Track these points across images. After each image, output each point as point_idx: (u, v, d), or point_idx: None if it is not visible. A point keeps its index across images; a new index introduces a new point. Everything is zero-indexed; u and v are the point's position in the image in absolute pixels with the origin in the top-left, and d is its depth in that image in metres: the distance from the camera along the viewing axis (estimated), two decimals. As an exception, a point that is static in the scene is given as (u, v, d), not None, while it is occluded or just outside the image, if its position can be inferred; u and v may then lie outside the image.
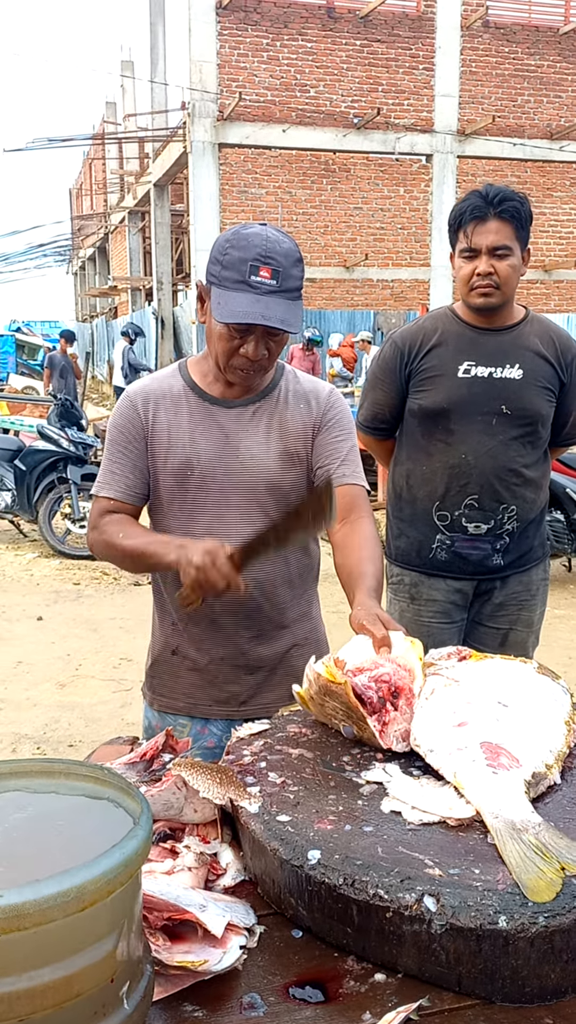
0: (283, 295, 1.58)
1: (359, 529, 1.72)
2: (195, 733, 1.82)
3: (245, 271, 1.55)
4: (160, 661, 1.86)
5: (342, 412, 1.82)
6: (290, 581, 1.81)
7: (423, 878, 0.97)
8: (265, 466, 1.73)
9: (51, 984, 0.74)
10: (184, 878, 1.09)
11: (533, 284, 17.98)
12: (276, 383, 1.78)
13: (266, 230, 1.60)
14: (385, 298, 17.27)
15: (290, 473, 1.76)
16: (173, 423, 1.74)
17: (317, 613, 1.92)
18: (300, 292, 1.63)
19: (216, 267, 1.60)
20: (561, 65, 16.96)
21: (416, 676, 1.37)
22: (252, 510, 1.73)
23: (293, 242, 1.63)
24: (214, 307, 1.60)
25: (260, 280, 1.55)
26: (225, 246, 1.60)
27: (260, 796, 1.16)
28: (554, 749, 1.22)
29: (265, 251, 1.56)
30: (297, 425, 1.76)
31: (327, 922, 1.01)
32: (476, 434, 2.35)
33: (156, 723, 1.88)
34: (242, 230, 1.61)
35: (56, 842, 0.85)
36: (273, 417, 1.75)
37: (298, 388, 1.80)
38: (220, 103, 15.24)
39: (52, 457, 7.55)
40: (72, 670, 4.84)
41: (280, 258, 1.57)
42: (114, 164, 26.08)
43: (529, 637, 2.55)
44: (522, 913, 0.92)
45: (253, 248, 1.56)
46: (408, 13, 15.98)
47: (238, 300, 1.56)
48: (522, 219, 2.25)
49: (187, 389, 1.76)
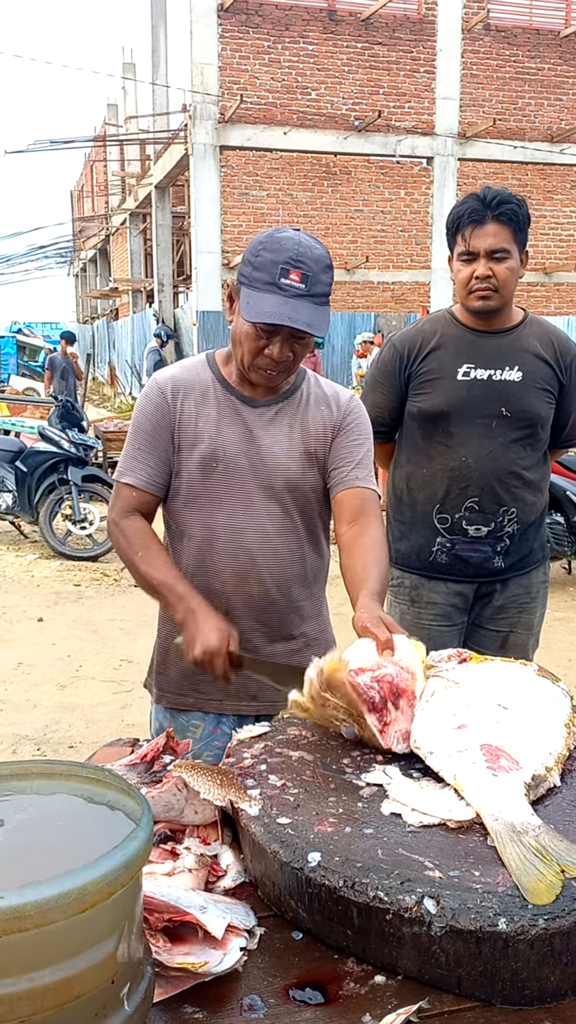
0: (311, 299, 1.61)
1: (367, 532, 1.73)
2: (208, 733, 1.83)
3: (276, 273, 1.59)
4: (168, 656, 1.86)
5: (360, 417, 1.84)
6: (304, 580, 1.83)
7: (423, 880, 0.97)
8: (286, 465, 1.76)
9: (52, 985, 0.74)
10: (184, 880, 1.10)
11: (533, 287, 17.98)
12: (298, 386, 1.81)
13: (299, 235, 1.64)
14: (386, 300, 17.27)
15: (309, 473, 1.78)
16: (201, 414, 1.76)
17: (326, 613, 1.93)
18: (328, 297, 1.65)
19: (247, 268, 1.64)
20: (562, 68, 16.98)
21: (418, 678, 1.37)
22: (272, 507, 1.76)
23: (324, 248, 1.67)
24: (243, 306, 1.63)
25: (289, 283, 1.58)
26: (258, 248, 1.63)
27: (260, 798, 1.16)
28: (554, 751, 1.22)
29: (296, 255, 1.60)
30: (317, 427, 1.79)
31: (327, 924, 1.02)
32: (476, 437, 2.35)
33: (167, 724, 1.87)
34: (276, 233, 1.64)
35: (57, 843, 0.85)
36: (295, 418, 1.78)
37: (319, 392, 1.83)
38: (221, 105, 15.25)
39: (53, 458, 7.55)
40: (72, 671, 4.84)
41: (311, 263, 1.60)
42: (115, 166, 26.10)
43: (529, 639, 2.55)
44: (522, 915, 0.93)
45: (285, 251, 1.60)
46: (409, 16, 16.00)
47: (267, 301, 1.59)
48: (520, 222, 2.26)
49: (215, 382, 1.78)
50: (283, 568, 1.78)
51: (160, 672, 1.89)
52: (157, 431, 1.76)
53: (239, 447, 1.74)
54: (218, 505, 1.75)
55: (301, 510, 1.79)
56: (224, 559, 1.76)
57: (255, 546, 1.75)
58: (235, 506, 1.75)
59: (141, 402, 1.81)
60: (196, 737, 1.84)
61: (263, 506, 1.75)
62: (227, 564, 1.75)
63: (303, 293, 1.59)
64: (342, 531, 1.76)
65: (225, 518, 1.75)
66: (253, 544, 1.75)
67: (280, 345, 1.64)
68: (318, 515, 1.83)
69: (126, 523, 1.75)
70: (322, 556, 1.88)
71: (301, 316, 1.58)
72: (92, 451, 7.98)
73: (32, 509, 7.52)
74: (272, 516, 1.76)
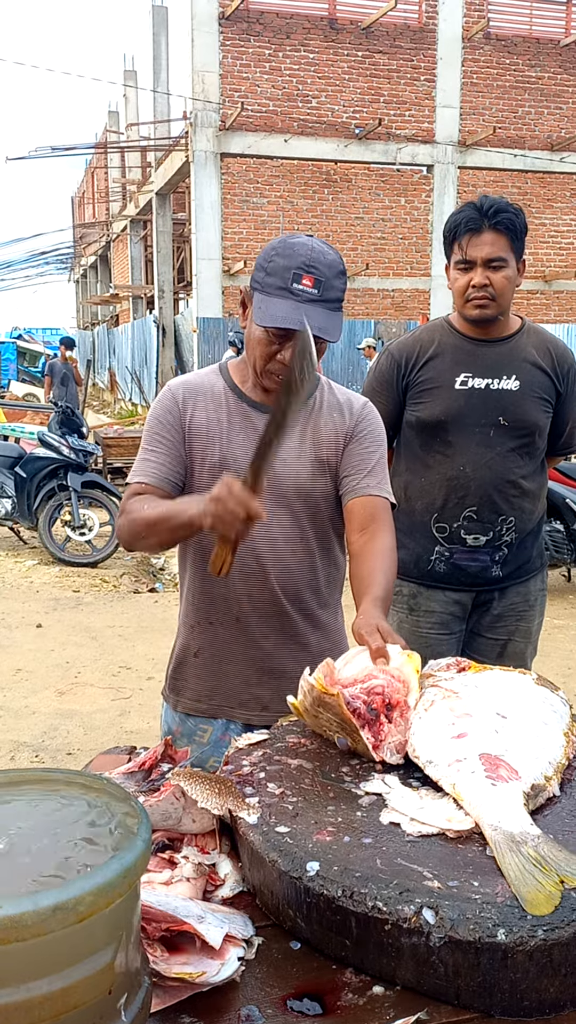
0: (323, 304, 1.60)
1: (376, 540, 1.72)
2: (215, 739, 1.82)
3: (288, 278, 1.59)
4: (184, 662, 1.87)
5: (374, 424, 1.84)
6: (316, 588, 1.82)
7: (422, 890, 0.97)
8: (297, 473, 1.75)
9: (48, 996, 0.74)
10: (182, 889, 1.09)
11: (533, 295, 18.02)
12: (311, 393, 1.80)
13: (312, 241, 1.64)
14: (386, 308, 17.30)
15: (320, 481, 1.77)
16: (212, 420, 1.75)
17: (341, 624, 1.92)
18: (340, 303, 1.65)
19: (260, 273, 1.64)
20: (562, 77, 17.05)
21: (412, 689, 1.36)
22: (283, 516, 1.75)
23: (338, 254, 1.66)
24: (255, 311, 1.64)
25: (302, 288, 1.59)
26: (271, 253, 1.63)
27: (259, 807, 1.16)
28: (553, 761, 1.22)
29: (309, 260, 1.60)
30: (330, 434, 1.78)
31: (325, 934, 1.01)
32: (474, 446, 2.35)
33: (177, 728, 1.88)
34: (289, 239, 1.64)
35: (54, 852, 0.85)
36: (307, 425, 1.77)
37: (332, 399, 1.83)
38: (222, 113, 15.30)
39: (52, 464, 7.55)
40: (71, 678, 4.83)
41: (323, 268, 1.60)
42: (116, 173, 26.18)
43: (527, 648, 2.55)
44: (521, 926, 0.92)
45: (298, 257, 1.60)
46: (410, 24, 16.06)
47: (279, 306, 1.59)
48: (517, 231, 2.26)
49: (227, 390, 1.78)
50: (293, 576, 1.77)
51: (176, 677, 1.89)
52: (168, 434, 1.75)
53: (250, 453, 1.73)
54: None
55: (312, 517, 1.78)
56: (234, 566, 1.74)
57: (265, 553, 1.74)
58: None
59: (154, 407, 1.81)
60: (204, 742, 1.84)
61: (273, 513, 1.73)
62: (236, 570, 1.73)
63: (316, 298, 1.59)
64: (353, 539, 1.75)
65: None
66: (263, 551, 1.74)
67: (292, 350, 1.63)
68: (330, 523, 1.82)
69: (129, 503, 1.71)
70: (336, 565, 1.87)
71: (313, 321, 1.56)
72: (92, 457, 7.98)
73: (31, 515, 7.52)
74: (282, 523, 1.75)
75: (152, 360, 19.21)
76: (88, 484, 7.60)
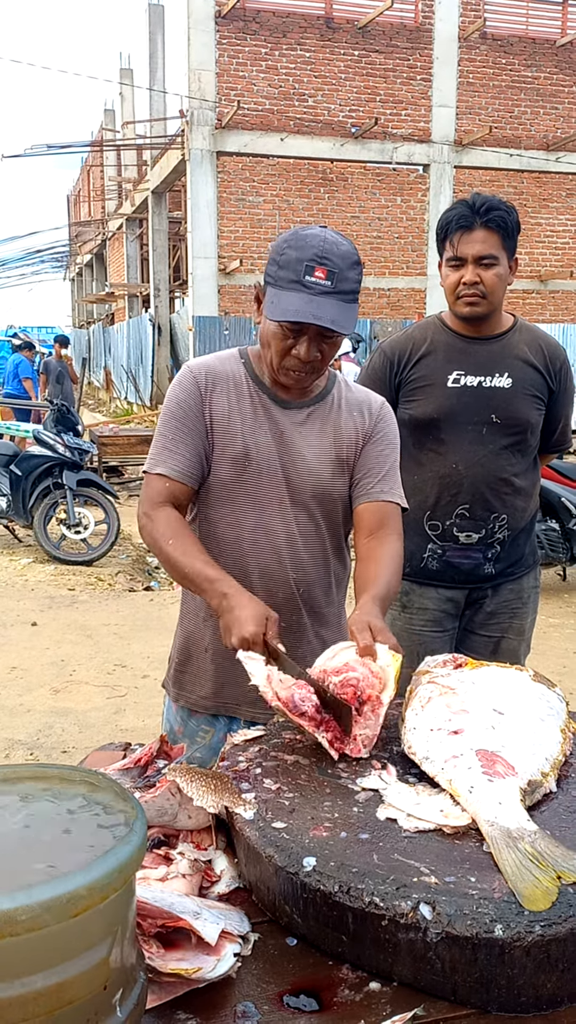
0: (337, 296, 1.57)
1: (384, 544, 1.72)
2: (217, 740, 1.80)
3: (300, 271, 1.55)
4: (192, 656, 1.84)
5: (390, 426, 1.82)
6: (327, 586, 1.81)
7: (419, 886, 0.97)
8: (318, 471, 1.73)
9: (43, 991, 0.73)
10: (178, 885, 1.09)
11: (529, 294, 18.04)
12: (329, 390, 1.78)
13: (325, 232, 1.60)
14: (382, 307, 17.32)
15: (339, 481, 1.76)
16: (234, 408, 1.72)
17: (345, 620, 1.91)
18: (356, 295, 1.62)
19: (273, 267, 1.60)
20: (558, 77, 17.07)
21: (387, 687, 1.37)
22: (300, 512, 1.73)
23: (351, 245, 1.63)
24: (267, 306, 1.60)
25: (315, 280, 1.55)
26: (283, 246, 1.60)
27: (255, 802, 1.16)
28: (550, 757, 1.22)
29: (322, 252, 1.56)
30: (350, 432, 1.76)
31: (322, 930, 1.01)
32: (467, 444, 2.35)
33: (179, 728, 1.86)
34: (301, 231, 1.61)
35: (49, 848, 0.84)
36: (327, 423, 1.75)
37: (351, 396, 1.80)
38: (218, 111, 15.29)
39: (48, 462, 7.54)
40: (66, 676, 4.82)
41: (337, 259, 1.57)
42: (112, 171, 26.12)
43: (520, 645, 2.55)
44: (518, 922, 0.92)
45: (310, 248, 1.56)
46: (406, 24, 16.06)
47: (291, 299, 1.55)
48: (509, 229, 2.25)
49: (248, 378, 1.74)
50: (308, 573, 1.76)
51: (180, 671, 1.86)
52: (190, 419, 1.70)
53: (271, 449, 1.70)
54: (249, 505, 1.72)
55: (327, 516, 1.77)
56: (252, 560, 1.73)
57: (284, 549, 1.73)
58: (265, 508, 1.72)
59: (174, 389, 1.75)
60: (206, 744, 1.82)
61: (291, 510, 1.72)
62: (255, 565, 1.73)
63: (329, 290, 1.55)
64: (361, 543, 1.74)
65: (255, 519, 1.72)
66: (282, 547, 1.73)
67: (307, 345, 1.60)
68: (342, 522, 1.81)
69: (157, 513, 1.68)
70: (344, 563, 1.86)
71: (326, 314, 1.54)
72: (87, 455, 7.97)
73: (27, 513, 7.50)
74: (300, 521, 1.73)
75: (148, 358, 19.19)
76: (83, 482, 7.59)
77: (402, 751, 1.29)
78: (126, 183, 24.41)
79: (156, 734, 1.61)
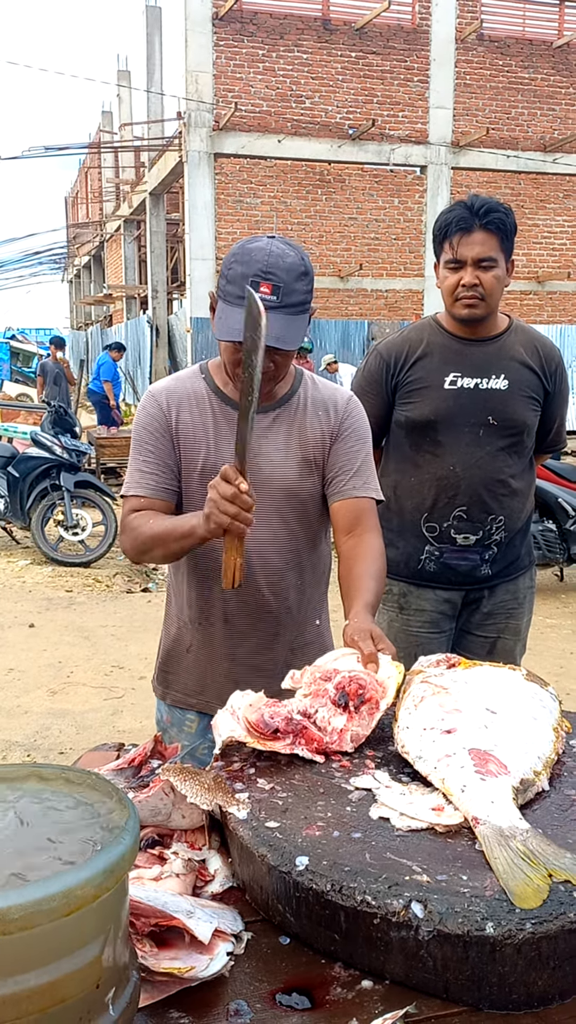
0: (284, 311, 1.57)
1: (364, 543, 1.73)
2: (202, 728, 1.84)
3: (245, 287, 1.55)
4: (172, 657, 1.89)
5: (359, 420, 1.83)
6: (301, 587, 1.82)
7: (411, 884, 0.97)
8: (284, 474, 1.74)
9: (36, 989, 0.74)
10: (172, 884, 1.09)
11: (526, 295, 18.05)
12: (295, 390, 1.79)
13: (271, 244, 1.60)
14: (379, 308, 17.32)
15: (308, 481, 1.77)
16: (198, 425, 1.74)
17: (325, 621, 1.92)
18: (305, 306, 1.63)
19: (223, 281, 1.62)
20: (554, 78, 17.09)
21: (388, 695, 1.38)
22: (271, 517, 1.74)
23: (300, 255, 1.62)
24: (216, 322, 1.62)
25: (260, 296, 1.54)
26: (230, 260, 1.61)
27: (248, 802, 1.16)
28: (542, 755, 1.22)
29: (266, 266, 1.56)
30: (316, 433, 1.77)
31: (315, 928, 1.01)
32: (464, 445, 2.36)
33: (167, 717, 1.91)
34: (248, 244, 1.61)
35: (42, 846, 0.84)
36: (293, 425, 1.76)
37: (316, 395, 1.81)
38: (216, 113, 15.30)
39: (45, 464, 7.54)
40: (63, 677, 4.82)
41: (281, 273, 1.57)
42: (110, 173, 26.12)
43: (517, 645, 2.56)
44: (509, 920, 0.92)
45: (255, 263, 1.57)
46: (403, 25, 16.08)
47: (236, 316, 1.55)
48: (507, 230, 2.26)
49: (210, 392, 1.77)
50: (280, 576, 1.77)
51: (164, 670, 1.92)
52: (158, 441, 1.74)
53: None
54: None
55: (299, 517, 1.78)
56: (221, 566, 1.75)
57: (252, 555, 1.73)
58: None
59: (139, 415, 1.79)
60: (192, 732, 1.86)
61: (261, 516, 1.72)
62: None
63: (275, 305, 1.56)
64: (341, 541, 1.76)
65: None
66: (250, 552, 1.73)
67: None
68: (317, 521, 1.82)
69: (128, 519, 1.72)
70: (321, 561, 1.87)
71: (271, 331, 1.53)
72: (85, 457, 7.98)
73: (24, 515, 7.51)
74: (271, 524, 1.74)
75: (146, 360, 19.19)
76: (81, 484, 7.60)
77: (395, 750, 1.30)
78: (124, 185, 24.42)
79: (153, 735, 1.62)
